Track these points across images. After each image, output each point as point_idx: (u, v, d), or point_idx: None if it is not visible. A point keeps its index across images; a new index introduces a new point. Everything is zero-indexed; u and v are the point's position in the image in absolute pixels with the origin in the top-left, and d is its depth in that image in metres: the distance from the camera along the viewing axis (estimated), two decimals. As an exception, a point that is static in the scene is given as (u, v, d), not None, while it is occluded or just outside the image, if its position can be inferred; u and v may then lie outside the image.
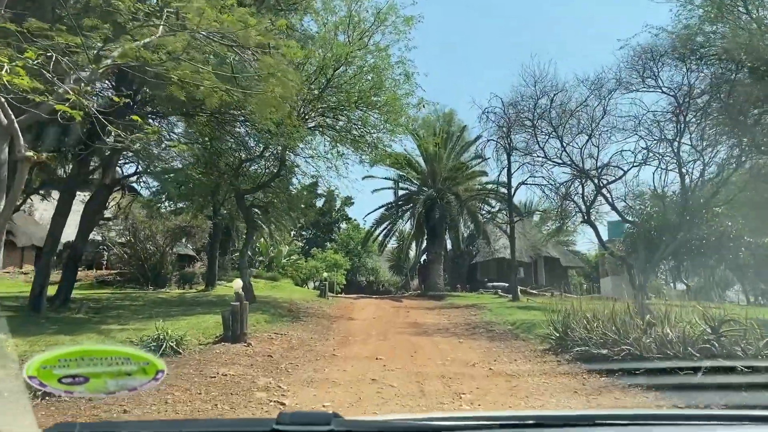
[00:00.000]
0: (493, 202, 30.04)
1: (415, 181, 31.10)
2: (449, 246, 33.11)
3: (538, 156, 16.99)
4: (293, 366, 8.49)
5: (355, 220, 57.25)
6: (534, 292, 31.95)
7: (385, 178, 31.36)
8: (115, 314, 14.04)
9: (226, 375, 7.56)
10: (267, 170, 18.60)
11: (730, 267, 30.13)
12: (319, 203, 63.47)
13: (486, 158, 23.13)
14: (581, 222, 18.57)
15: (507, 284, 32.95)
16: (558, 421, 1.59)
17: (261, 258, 34.29)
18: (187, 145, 18.70)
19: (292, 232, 53.46)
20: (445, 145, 30.09)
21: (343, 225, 56.13)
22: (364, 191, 68.62)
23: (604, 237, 41.81)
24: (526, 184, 21.99)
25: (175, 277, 28.23)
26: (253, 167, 18.51)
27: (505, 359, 9.25)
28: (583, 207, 18.21)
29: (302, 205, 20.23)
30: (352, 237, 48.21)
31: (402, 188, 31.42)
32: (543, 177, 20.92)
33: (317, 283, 45.51)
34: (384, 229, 31.60)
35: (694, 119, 14.24)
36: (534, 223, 41.65)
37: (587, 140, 15.40)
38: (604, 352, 7.87)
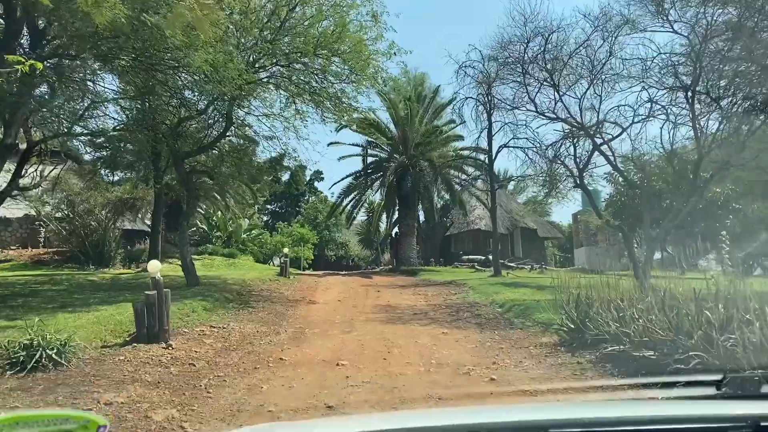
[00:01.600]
0: (470, 170, 27.77)
1: (385, 148, 28.55)
2: (422, 218, 30.87)
3: (527, 110, 14.67)
4: (219, 382, 6.07)
5: (322, 192, 54.63)
6: (512, 265, 30.08)
7: (353, 144, 28.73)
8: (19, 302, 11.34)
9: (110, 404, 5.10)
10: (212, 130, 15.85)
11: (710, 236, 28.56)
12: (286, 177, 61.40)
13: (462, 122, 20.68)
14: (574, 187, 16.40)
15: (483, 257, 31.02)
16: (512, 428, 1.53)
17: (218, 233, 31.48)
18: (116, 100, 15.95)
19: (256, 206, 50.69)
20: (417, 108, 27.58)
21: (312, 199, 53.46)
22: (329, 158, 65.74)
23: (584, 206, 40.17)
24: (509, 147, 19.71)
25: (120, 255, 25.40)
26: (195, 126, 15.73)
27: (507, 360, 6.99)
28: (575, 170, 16.04)
29: (255, 170, 17.48)
30: (319, 210, 45.63)
31: (371, 155, 28.86)
32: (527, 138, 18.70)
33: (282, 260, 43.02)
34: (352, 200, 29.06)
35: (711, 64, 12.05)
36: (509, 192, 39.74)
37: (588, 88, 13.09)
38: (651, 355, 5.65)
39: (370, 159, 28.57)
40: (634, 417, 1.77)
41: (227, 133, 15.22)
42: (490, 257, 30.49)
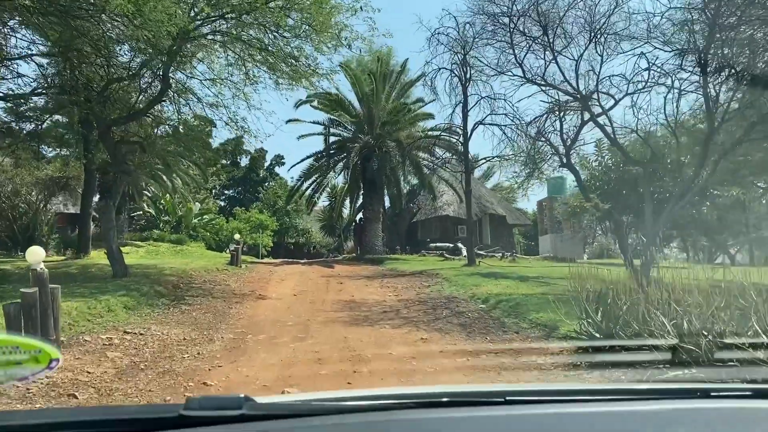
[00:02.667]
0: (440, 152, 25.87)
1: (349, 127, 26.35)
2: (387, 203, 28.90)
3: (513, 76, 12.79)
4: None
5: (282, 178, 52.04)
6: (482, 253, 28.47)
7: (314, 122, 26.33)
8: None
9: None
10: (146, 95, 13.48)
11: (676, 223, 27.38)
12: (245, 161, 58.38)
13: (435, 98, 18.71)
14: (560, 166, 14.73)
15: (452, 245, 29.30)
16: (470, 398, 1.58)
17: (167, 218, 28.83)
18: (29, 57, 13.42)
19: (211, 190, 47.79)
20: (384, 83, 25.48)
21: (272, 184, 50.84)
22: (288, 136, 62.80)
23: (544, 194, 38.84)
24: (485, 124, 17.91)
25: (54, 241, 22.71)
26: (126, 89, 13.32)
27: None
28: (561, 148, 14.35)
29: (209, 153, 14.99)
30: (279, 196, 43.10)
31: (334, 134, 26.58)
32: (506, 115, 16.94)
33: (234, 247, 40.37)
34: (313, 183, 26.79)
35: (728, 23, 10.43)
36: (478, 178, 38.15)
37: (586, 47, 11.28)
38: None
39: (332, 139, 26.40)
40: (587, 388, 1.89)
41: (163, 98, 12.89)
42: (459, 245, 28.89)
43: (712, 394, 1.57)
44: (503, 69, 12.81)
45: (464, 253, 27.59)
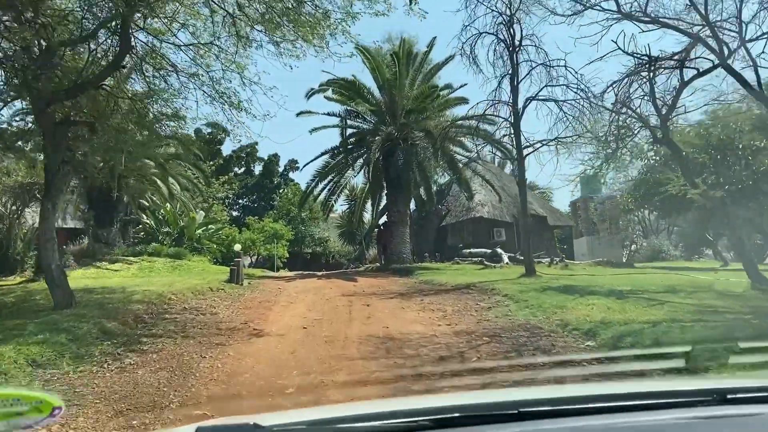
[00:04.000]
0: (470, 143, 22.20)
1: (368, 118, 22.90)
2: (412, 205, 25.33)
3: (603, 10, 9.22)
4: None
5: (296, 183, 48.78)
6: (522, 258, 24.95)
7: (328, 113, 22.87)
8: None
9: None
10: (103, 62, 10.14)
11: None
12: (259, 168, 55.27)
13: (463, 85, 15.16)
14: (651, 142, 11.10)
15: (489, 250, 25.67)
16: (482, 411, 1.50)
17: (167, 229, 25.59)
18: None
19: (225, 199, 44.70)
20: (408, 66, 22.03)
21: (286, 191, 47.54)
22: (300, 142, 59.39)
23: (575, 195, 34.68)
24: (539, 99, 14.43)
25: (31, 259, 19.55)
26: (76, 56, 10.01)
27: None
28: (653, 119, 10.73)
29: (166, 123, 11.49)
30: (293, 203, 39.81)
31: (351, 126, 23.08)
32: (567, 86, 13.43)
33: (254, 260, 37.12)
34: (329, 183, 23.31)
35: None
36: (510, 173, 34.37)
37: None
38: None
39: (350, 131, 22.92)
40: (602, 394, 1.77)
41: (123, 63, 9.54)
42: (498, 250, 25.24)
43: (729, 397, 1.54)
44: (586, 2, 9.22)
45: (505, 259, 23.93)
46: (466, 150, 23.25)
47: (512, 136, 14.79)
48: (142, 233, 26.92)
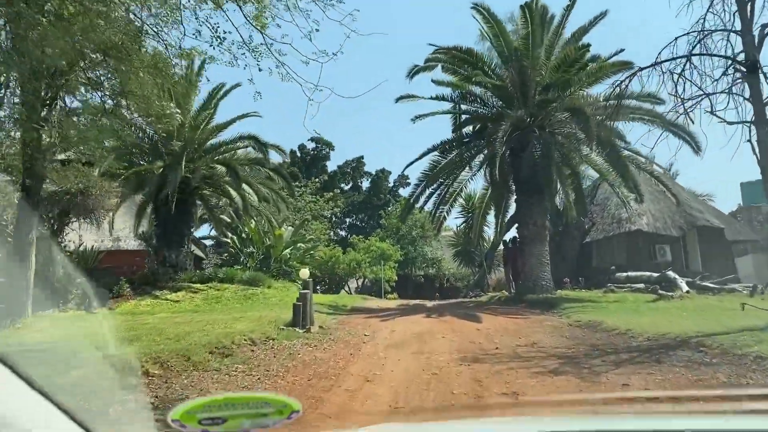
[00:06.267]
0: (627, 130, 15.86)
1: (489, 101, 17.42)
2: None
3: None
4: None
5: (405, 198, 43.95)
6: (711, 285, 18.02)
7: (435, 97, 17.51)
8: None
9: None
10: None
11: None
12: (366, 184, 51.53)
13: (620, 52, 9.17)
14: None
15: (657, 274, 18.97)
16: None
17: (251, 250, 21.67)
18: None
19: (331, 217, 40.89)
20: (543, 27, 16.39)
21: (395, 207, 42.82)
22: (403, 153, 54.56)
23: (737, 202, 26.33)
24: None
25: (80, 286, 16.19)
26: None
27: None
28: None
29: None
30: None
31: (467, 113, 17.63)
32: None
33: (360, 283, 32.94)
34: (439, 188, 18.01)
35: None
36: (665, 172, 26.88)
37: None
38: None
39: (464, 118, 17.51)
40: (668, 429, 1.58)
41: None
42: (671, 274, 18.41)
43: None
44: None
45: (683, 287, 17.23)
46: (623, 140, 16.94)
47: (741, 81, 8.67)
48: (225, 255, 23.38)
